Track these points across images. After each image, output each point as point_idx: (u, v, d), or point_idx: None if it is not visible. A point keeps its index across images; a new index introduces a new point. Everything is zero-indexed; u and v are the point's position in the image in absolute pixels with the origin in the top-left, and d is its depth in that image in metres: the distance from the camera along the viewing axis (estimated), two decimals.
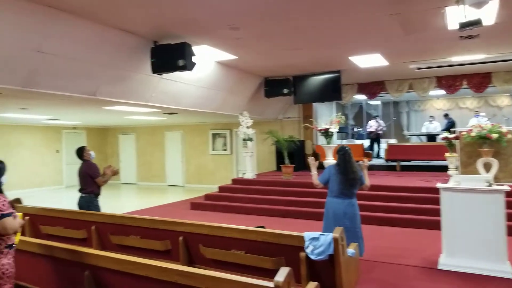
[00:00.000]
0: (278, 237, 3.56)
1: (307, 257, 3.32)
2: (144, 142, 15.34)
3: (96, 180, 5.42)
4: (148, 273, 2.77)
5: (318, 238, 3.28)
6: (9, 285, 2.72)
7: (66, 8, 4.64)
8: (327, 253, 3.22)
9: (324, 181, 4.61)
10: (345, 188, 4.43)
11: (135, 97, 6.91)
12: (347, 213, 4.40)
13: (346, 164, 4.45)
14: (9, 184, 7.77)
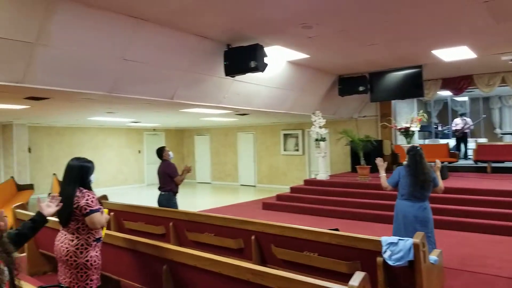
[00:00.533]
0: (353, 240, 3.46)
1: (384, 263, 3.18)
2: (218, 142, 15.88)
3: (174, 179, 5.72)
4: (222, 270, 2.85)
5: (396, 243, 3.12)
6: (96, 275, 2.97)
7: (147, 17, 4.97)
8: (406, 259, 3.06)
9: (393, 183, 4.43)
10: (416, 190, 4.21)
11: (209, 99, 7.19)
12: (418, 217, 4.17)
13: (417, 165, 4.22)
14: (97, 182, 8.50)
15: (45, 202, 2.45)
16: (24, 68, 4.48)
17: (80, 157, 3.10)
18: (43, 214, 2.36)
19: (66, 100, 6.53)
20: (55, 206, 2.46)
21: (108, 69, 5.28)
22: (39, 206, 2.41)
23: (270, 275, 2.58)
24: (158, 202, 5.78)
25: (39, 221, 2.36)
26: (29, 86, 4.74)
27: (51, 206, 2.44)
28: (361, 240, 3.40)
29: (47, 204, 2.42)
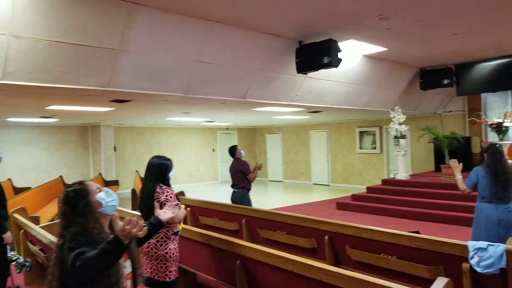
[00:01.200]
0: (436, 244, 3.26)
1: (471, 269, 2.95)
2: (290, 141, 15.91)
3: (247, 176, 5.87)
4: (294, 268, 2.87)
5: (486, 248, 2.89)
6: (175, 267, 3.16)
7: (220, 19, 5.15)
8: (497, 267, 2.81)
9: (471, 185, 4.11)
10: (498, 192, 3.88)
11: (280, 97, 7.23)
12: (503, 220, 3.84)
13: (497, 164, 3.91)
14: (174, 179, 8.94)
15: (162, 209, 2.65)
16: (109, 73, 4.90)
17: (159, 155, 3.32)
18: (160, 219, 2.54)
19: (146, 102, 7.01)
20: (171, 212, 2.64)
21: (183, 72, 5.57)
22: (157, 212, 2.61)
23: (345, 276, 2.54)
24: (232, 200, 5.96)
25: (156, 225, 2.54)
26: (114, 90, 5.17)
27: (167, 212, 2.62)
28: (445, 244, 3.19)
29: (163, 211, 2.61)
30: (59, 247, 1.87)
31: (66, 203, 1.92)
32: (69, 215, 1.90)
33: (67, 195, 1.94)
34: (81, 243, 1.79)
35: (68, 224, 1.89)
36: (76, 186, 1.97)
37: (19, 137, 11.56)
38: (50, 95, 5.58)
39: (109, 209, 1.99)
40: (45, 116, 9.44)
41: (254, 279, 3.30)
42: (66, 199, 1.93)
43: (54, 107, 7.32)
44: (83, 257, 1.71)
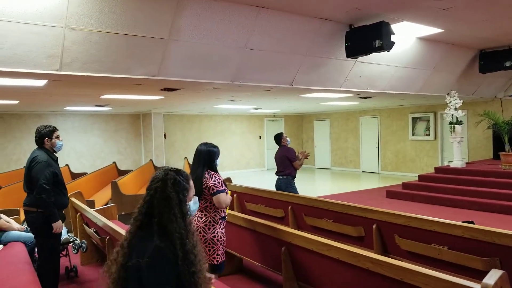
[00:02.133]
0: (491, 235, 3.13)
1: None
2: (338, 127, 15.66)
3: (293, 163, 5.89)
4: (340, 256, 2.88)
5: None
6: (222, 251, 3.28)
7: (267, 4, 5.13)
8: None
9: None
10: None
11: (329, 83, 7.12)
12: None
13: None
14: (222, 165, 9.07)
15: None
16: (159, 62, 5.08)
17: (207, 142, 3.44)
18: None
19: (194, 90, 7.18)
20: None
21: (231, 59, 5.64)
22: None
23: (392, 266, 2.52)
24: (276, 186, 5.99)
25: None
26: (163, 79, 5.35)
27: None
28: (502, 235, 3.06)
29: None
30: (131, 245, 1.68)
31: (172, 188, 1.72)
32: (173, 203, 1.70)
33: (176, 180, 1.74)
34: (167, 264, 1.61)
35: (165, 213, 1.68)
36: (183, 177, 1.80)
37: (75, 125, 12.31)
38: (104, 84, 5.88)
39: (192, 213, 1.93)
40: (99, 105, 9.97)
41: (299, 265, 3.34)
42: (176, 183, 1.74)
43: (107, 96, 7.70)
44: None
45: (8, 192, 6.81)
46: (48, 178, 3.57)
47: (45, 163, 3.61)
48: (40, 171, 3.55)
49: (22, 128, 11.48)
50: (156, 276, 1.58)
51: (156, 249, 1.60)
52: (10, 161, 11.28)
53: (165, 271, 1.60)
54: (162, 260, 1.60)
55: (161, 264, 1.60)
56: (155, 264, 1.59)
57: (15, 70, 4.23)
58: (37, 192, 3.52)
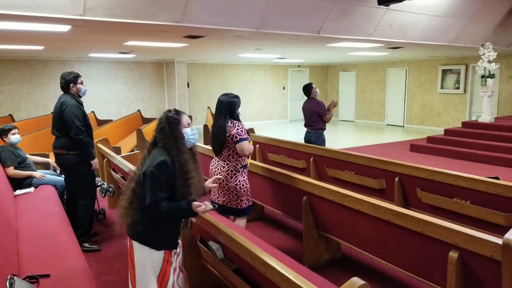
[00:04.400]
0: None
1: None
2: (364, 79, 15.25)
3: (323, 118, 5.77)
4: (361, 207, 2.91)
5: None
6: (246, 197, 3.37)
7: None
8: None
9: None
10: None
11: (358, 32, 6.83)
12: None
13: None
14: (244, 116, 9.05)
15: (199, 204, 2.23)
16: (183, 8, 4.95)
17: (227, 93, 3.44)
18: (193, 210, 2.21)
19: (218, 38, 7.04)
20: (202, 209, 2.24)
21: (256, 5, 5.45)
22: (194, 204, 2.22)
23: (413, 218, 2.53)
24: (306, 139, 5.90)
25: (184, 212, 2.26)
26: (187, 25, 5.24)
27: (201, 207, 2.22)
28: None
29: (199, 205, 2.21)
30: (142, 162, 2.25)
31: (166, 121, 2.25)
32: (167, 131, 2.22)
33: (168, 116, 2.27)
34: (165, 174, 2.13)
35: (163, 138, 2.22)
36: (175, 112, 2.31)
37: (99, 72, 12.39)
38: (127, 30, 5.82)
39: (188, 143, 2.32)
40: (123, 52, 9.95)
41: (319, 215, 3.41)
42: (167, 118, 2.26)
43: (131, 43, 7.66)
44: (160, 204, 2.12)
45: (38, 136, 7.06)
46: (81, 120, 3.74)
47: (75, 106, 3.74)
48: (73, 114, 3.69)
49: (48, 74, 11.67)
50: (154, 182, 2.12)
51: (160, 162, 2.14)
52: (38, 107, 11.60)
53: (161, 180, 2.12)
54: (163, 171, 2.13)
55: (161, 173, 2.12)
56: (157, 173, 2.12)
57: (39, 15, 4.22)
58: (75, 133, 3.69)
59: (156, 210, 2.13)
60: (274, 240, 4.09)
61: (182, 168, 2.18)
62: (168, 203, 2.14)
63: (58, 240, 3.02)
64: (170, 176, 2.15)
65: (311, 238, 3.46)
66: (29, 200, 4.05)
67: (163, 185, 2.13)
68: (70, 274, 2.47)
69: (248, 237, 2.46)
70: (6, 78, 11.14)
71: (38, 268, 2.53)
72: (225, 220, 2.92)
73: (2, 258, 2.38)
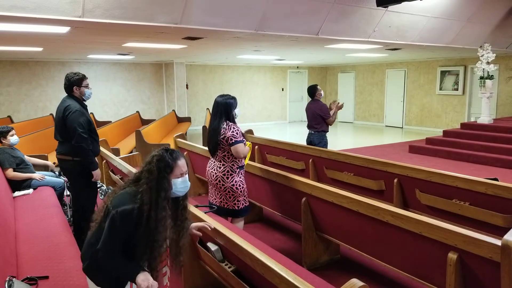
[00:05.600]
0: None
1: None
2: (363, 80, 15.28)
3: (326, 121, 5.73)
4: (360, 208, 2.91)
5: None
6: (243, 197, 3.38)
7: None
8: None
9: None
10: None
11: (357, 33, 6.85)
12: None
13: None
14: (243, 117, 9.09)
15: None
16: (182, 9, 4.95)
17: (224, 94, 3.45)
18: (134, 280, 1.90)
19: (217, 39, 7.04)
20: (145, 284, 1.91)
21: (255, 7, 5.45)
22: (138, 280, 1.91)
23: (412, 219, 2.53)
24: (308, 141, 5.86)
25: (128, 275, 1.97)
26: (186, 27, 5.24)
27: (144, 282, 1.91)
28: None
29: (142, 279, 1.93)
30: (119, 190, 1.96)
31: (157, 165, 1.91)
32: (153, 177, 1.89)
33: (162, 159, 1.93)
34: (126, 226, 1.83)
35: (145, 183, 1.89)
36: (170, 157, 1.96)
37: (98, 73, 12.39)
38: (126, 32, 5.82)
39: (173, 195, 2.00)
40: (122, 53, 9.94)
41: (318, 217, 3.41)
42: (159, 162, 1.92)
43: (130, 44, 7.65)
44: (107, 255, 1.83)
45: (37, 138, 7.05)
46: (84, 127, 3.51)
47: (79, 112, 3.53)
48: (76, 120, 3.48)
49: (46, 76, 11.66)
50: (108, 229, 1.83)
51: (122, 211, 1.83)
52: (37, 108, 11.59)
53: (114, 230, 1.83)
54: (121, 221, 1.82)
55: (117, 223, 1.82)
56: (114, 221, 1.83)
57: (38, 16, 4.21)
58: (76, 141, 3.47)
59: (101, 259, 1.85)
60: (273, 241, 4.09)
61: (159, 225, 1.87)
62: (118, 259, 1.84)
63: (56, 241, 3.01)
64: (130, 229, 1.84)
65: (310, 240, 3.46)
66: (28, 202, 4.04)
67: (116, 238, 1.84)
68: (68, 275, 2.47)
69: (247, 238, 2.46)
70: (5, 80, 11.13)
71: (37, 269, 2.53)
72: (223, 222, 2.93)
73: (1, 260, 2.38)
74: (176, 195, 2.00)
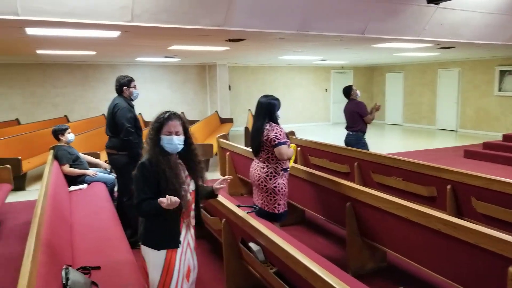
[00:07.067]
0: None
1: None
2: (413, 81, 14.76)
3: (364, 118, 5.67)
4: (409, 215, 2.80)
5: None
6: (283, 201, 3.36)
7: None
8: None
9: None
10: None
11: (405, 32, 6.62)
12: None
13: None
14: (285, 118, 8.98)
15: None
16: (225, 12, 5.02)
17: (268, 94, 3.45)
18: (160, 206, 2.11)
19: (259, 41, 7.08)
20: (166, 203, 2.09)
21: (298, 7, 5.42)
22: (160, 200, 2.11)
23: (467, 229, 2.41)
24: (346, 142, 5.83)
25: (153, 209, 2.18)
26: (229, 29, 5.31)
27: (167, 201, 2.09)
28: None
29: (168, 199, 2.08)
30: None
31: (152, 124, 2.30)
32: (152, 132, 2.26)
33: (156, 118, 2.31)
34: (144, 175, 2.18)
35: (149, 138, 2.27)
36: (164, 117, 2.31)
37: (146, 75, 12.88)
38: (171, 35, 5.99)
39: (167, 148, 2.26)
40: (168, 56, 10.25)
41: (364, 222, 3.32)
42: (157, 119, 2.30)
43: (175, 47, 7.87)
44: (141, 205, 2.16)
45: (89, 136, 7.46)
46: (131, 122, 3.94)
47: (127, 109, 3.96)
48: (124, 116, 3.91)
49: (98, 78, 12.32)
50: (136, 184, 2.22)
51: (140, 164, 2.23)
52: (89, 108, 12.26)
53: (139, 181, 2.20)
54: (141, 172, 2.20)
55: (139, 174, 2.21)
56: (137, 175, 2.22)
57: (91, 22, 4.43)
58: (124, 134, 3.90)
59: (138, 211, 2.18)
60: (315, 245, 4.04)
61: (165, 171, 2.17)
62: (149, 202, 2.14)
63: (108, 234, 3.19)
64: (152, 177, 2.18)
65: (355, 245, 3.39)
66: (82, 196, 4.33)
67: (144, 186, 2.17)
68: (118, 267, 2.60)
69: (289, 240, 2.44)
70: (61, 82, 11.93)
71: (89, 260, 2.68)
72: (265, 223, 2.93)
73: (59, 249, 2.54)
74: (169, 150, 2.25)
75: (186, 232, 2.31)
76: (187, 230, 2.32)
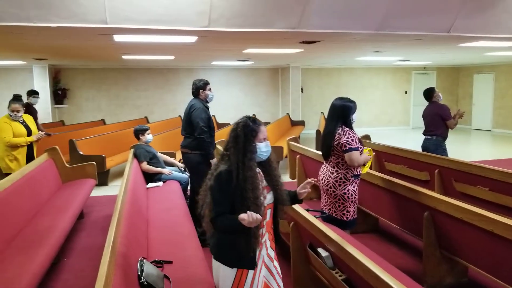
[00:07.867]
0: None
1: None
2: (505, 82, 13.57)
3: (447, 122, 5.37)
4: (495, 228, 2.61)
5: None
6: (353, 208, 3.27)
7: None
8: None
9: None
10: None
11: (498, 29, 6.12)
12: None
13: None
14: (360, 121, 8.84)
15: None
16: (300, 14, 5.04)
17: (343, 97, 3.37)
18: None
19: (334, 42, 6.98)
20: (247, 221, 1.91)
21: (376, 5, 5.28)
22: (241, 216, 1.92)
23: None
24: (423, 147, 5.57)
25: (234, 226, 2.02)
26: (303, 31, 5.32)
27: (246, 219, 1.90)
28: None
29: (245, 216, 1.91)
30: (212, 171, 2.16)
31: (242, 131, 2.08)
32: (240, 141, 2.05)
33: (246, 124, 2.10)
34: (222, 187, 2.01)
35: (233, 147, 2.06)
36: (253, 122, 2.13)
37: (220, 78, 13.34)
38: (246, 39, 6.15)
39: (258, 159, 2.11)
40: (241, 59, 10.52)
41: (443, 234, 3.15)
42: (244, 127, 2.09)
43: (249, 51, 8.06)
44: (217, 219, 2.00)
45: (167, 137, 7.95)
46: (205, 122, 4.18)
47: (202, 109, 4.23)
48: (199, 116, 4.17)
49: (176, 81, 13.10)
50: (212, 196, 2.05)
51: (217, 174, 2.06)
52: (168, 110, 13.06)
53: (217, 193, 2.03)
54: (219, 183, 2.03)
55: (217, 186, 2.03)
56: (215, 186, 2.04)
57: (171, 28, 4.72)
58: (198, 133, 4.16)
59: (215, 225, 2.03)
60: (389, 255, 3.89)
61: (247, 183, 1.99)
62: (226, 217, 1.97)
63: (180, 230, 3.36)
64: (231, 189, 1.99)
65: (432, 258, 3.22)
66: (158, 193, 4.64)
67: (221, 198, 2.01)
68: (190, 263, 2.73)
69: (360, 248, 2.40)
70: (142, 85, 12.88)
71: (162, 254, 2.85)
72: (335, 229, 2.90)
73: (136, 242, 2.74)
74: (260, 159, 2.12)
75: (261, 249, 2.12)
76: (261, 247, 2.12)
